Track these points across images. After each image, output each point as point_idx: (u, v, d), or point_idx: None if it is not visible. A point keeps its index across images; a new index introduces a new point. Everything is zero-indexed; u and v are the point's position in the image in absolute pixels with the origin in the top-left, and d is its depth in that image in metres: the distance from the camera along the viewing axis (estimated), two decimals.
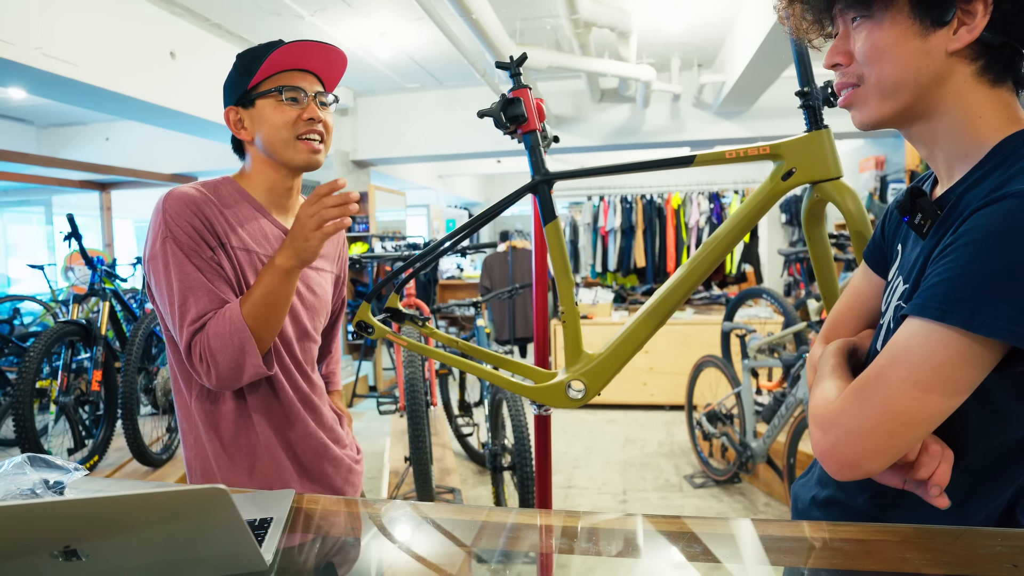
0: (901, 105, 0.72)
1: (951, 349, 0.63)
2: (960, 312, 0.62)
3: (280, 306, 1.12)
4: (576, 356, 1.27)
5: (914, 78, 0.70)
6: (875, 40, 0.71)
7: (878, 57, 0.71)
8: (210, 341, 1.07)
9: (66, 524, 0.55)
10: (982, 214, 0.64)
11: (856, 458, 0.67)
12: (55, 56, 3.08)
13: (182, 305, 1.09)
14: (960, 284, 0.63)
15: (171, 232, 1.09)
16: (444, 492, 3.13)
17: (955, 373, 0.64)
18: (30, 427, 2.62)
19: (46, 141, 6.51)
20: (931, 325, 0.64)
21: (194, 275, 1.09)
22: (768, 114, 5.45)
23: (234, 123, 1.20)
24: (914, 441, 0.67)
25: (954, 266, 0.64)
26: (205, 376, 1.09)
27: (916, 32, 0.69)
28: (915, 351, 0.65)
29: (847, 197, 1.11)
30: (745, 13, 4.16)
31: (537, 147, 1.25)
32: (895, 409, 0.66)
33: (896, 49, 0.70)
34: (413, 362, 2.81)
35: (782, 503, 3.31)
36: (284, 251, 1.11)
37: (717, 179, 7.05)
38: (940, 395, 0.64)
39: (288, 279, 1.12)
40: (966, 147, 0.72)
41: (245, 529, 0.57)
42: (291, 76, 1.17)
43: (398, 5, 3.97)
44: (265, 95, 1.16)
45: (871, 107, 0.74)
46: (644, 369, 5.18)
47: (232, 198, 1.18)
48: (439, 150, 6.11)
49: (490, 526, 0.85)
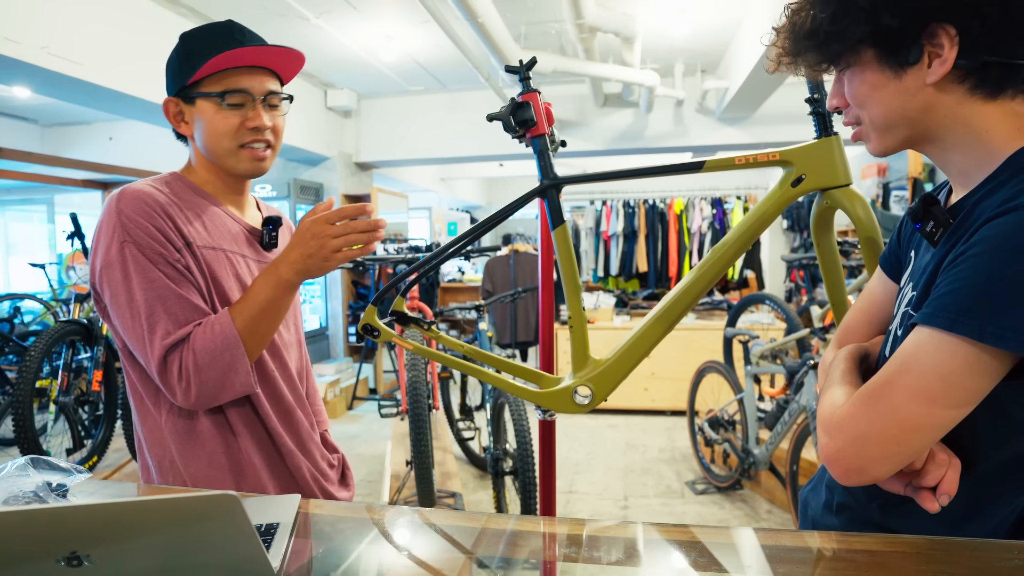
0: (901, 137, 0.75)
1: (960, 359, 0.63)
2: (970, 322, 0.62)
3: (278, 320, 1.04)
4: (583, 361, 1.26)
5: (900, 115, 0.72)
6: (855, 88, 0.75)
7: (863, 102, 0.75)
8: (196, 357, 0.97)
9: (73, 530, 0.54)
10: (994, 225, 0.64)
11: (861, 464, 0.68)
12: (60, 55, 3.08)
13: (150, 317, 0.97)
14: (971, 294, 0.63)
15: (130, 235, 0.97)
16: (445, 496, 3.12)
17: (963, 383, 0.64)
18: (29, 426, 2.61)
19: (50, 140, 6.52)
20: (940, 335, 0.64)
21: (161, 283, 0.98)
22: (771, 120, 5.45)
23: (174, 116, 1.09)
24: (920, 449, 0.67)
25: (965, 276, 0.64)
26: (182, 394, 0.98)
27: (889, 76, 0.71)
28: (924, 360, 0.65)
29: (856, 204, 1.11)
30: (749, 20, 4.16)
31: (546, 151, 1.24)
32: (901, 417, 0.66)
33: (875, 94, 0.73)
34: (416, 365, 2.81)
35: (784, 510, 3.29)
36: (293, 265, 1.02)
37: (720, 184, 7.04)
38: (947, 404, 0.65)
39: (292, 293, 1.04)
40: (978, 160, 0.72)
41: (255, 536, 0.56)
42: (238, 76, 1.04)
43: (403, 8, 3.97)
44: (206, 96, 1.04)
45: (874, 143, 0.77)
46: (646, 374, 5.17)
47: (186, 194, 1.08)
48: (442, 153, 6.11)
49: (497, 534, 0.84)
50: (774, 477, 3.32)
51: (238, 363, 0.99)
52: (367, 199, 6.34)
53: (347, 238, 1.01)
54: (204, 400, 0.99)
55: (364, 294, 6.40)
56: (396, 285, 1.37)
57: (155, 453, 1.06)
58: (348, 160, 6.21)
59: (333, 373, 5.47)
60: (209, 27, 1.07)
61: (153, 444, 1.06)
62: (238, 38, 1.06)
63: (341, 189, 6.12)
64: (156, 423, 1.06)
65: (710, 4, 4.04)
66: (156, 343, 0.97)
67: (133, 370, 1.06)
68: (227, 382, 0.99)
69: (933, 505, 0.70)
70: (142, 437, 1.08)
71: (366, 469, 4.07)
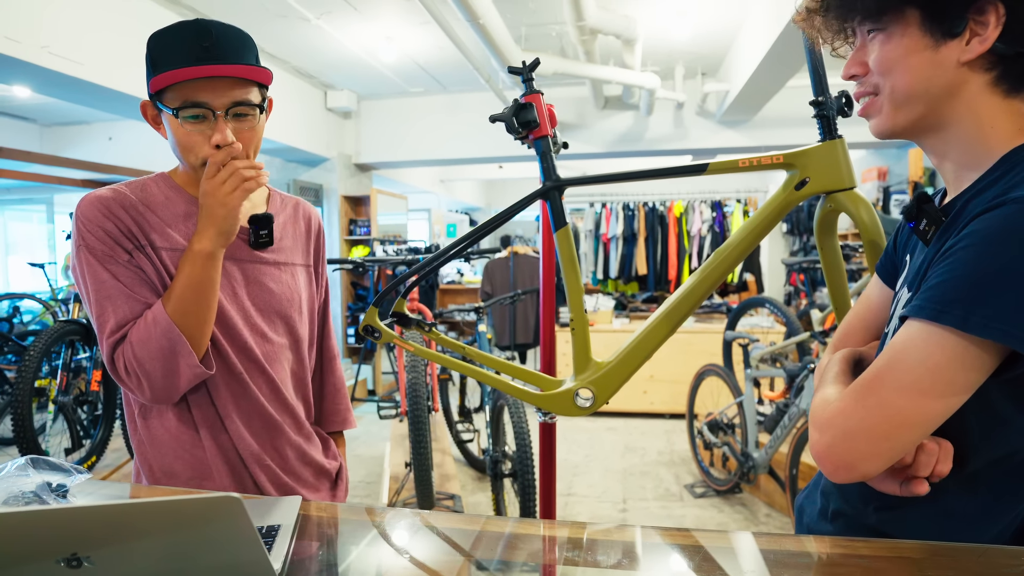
0: (914, 115, 0.73)
1: (948, 351, 0.63)
2: (955, 312, 0.63)
3: (207, 295, 1.00)
4: (585, 364, 1.26)
5: (925, 88, 0.70)
6: (887, 52, 0.72)
7: (890, 68, 0.72)
8: (135, 350, 0.97)
9: (74, 531, 0.53)
10: (982, 219, 0.64)
11: (851, 459, 0.67)
12: (61, 55, 3.08)
13: (99, 316, 0.99)
14: (956, 286, 0.63)
15: (83, 239, 1.00)
16: (444, 498, 3.11)
17: (952, 375, 0.64)
18: (28, 426, 2.60)
19: (49, 140, 6.51)
20: (927, 326, 0.65)
21: (110, 282, 0.99)
22: (771, 124, 5.45)
23: (151, 119, 1.06)
24: (910, 444, 0.67)
25: (951, 268, 0.64)
26: (137, 390, 0.99)
27: (927, 44, 0.69)
28: (912, 352, 0.65)
29: (860, 207, 1.11)
30: (750, 23, 4.17)
31: (548, 153, 1.24)
32: (891, 411, 0.65)
33: (907, 60, 0.70)
34: (416, 367, 2.80)
35: (783, 514, 3.29)
36: (201, 233, 0.99)
37: (719, 187, 7.05)
38: (936, 397, 0.64)
39: (212, 263, 1.00)
40: (976, 156, 0.72)
41: (257, 539, 0.56)
42: (197, 87, 0.97)
43: (404, 9, 3.97)
44: (164, 110, 1.00)
45: (885, 117, 0.75)
46: (644, 377, 5.17)
47: (163, 195, 1.07)
48: (441, 154, 6.11)
49: (496, 536, 0.84)
50: (773, 481, 3.32)
51: (178, 347, 0.97)
52: (366, 201, 6.34)
53: (237, 175, 0.98)
54: (161, 392, 1.00)
55: (363, 295, 6.40)
56: (397, 287, 1.37)
57: (135, 448, 1.10)
58: (348, 161, 6.21)
59: None
60: (175, 29, 0.99)
61: (133, 439, 1.10)
62: (200, 42, 0.97)
63: (340, 190, 6.12)
64: (133, 419, 1.09)
65: (711, 7, 4.05)
66: (104, 342, 0.99)
67: None
68: (174, 368, 0.98)
69: (923, 487, 0.69)
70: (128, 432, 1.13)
71: (365, 470, 4.06)
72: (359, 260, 3.36)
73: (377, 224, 6.35)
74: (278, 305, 1.14)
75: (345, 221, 6.28)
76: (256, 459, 1.10)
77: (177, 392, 1.01)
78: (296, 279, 1.18)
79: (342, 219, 6.21)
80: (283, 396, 1.14)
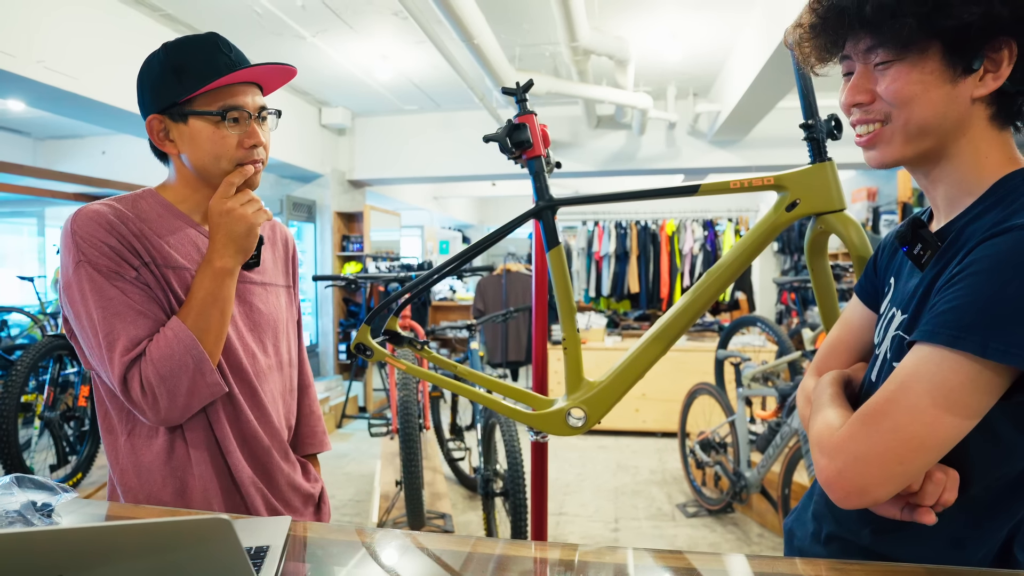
0: (924, 148, 0.73)
1: (962, 375, 0.64)
2: (973, 338, 0.63)
3: (226, 313, 1.02)
4: (577, 383, 1.26)
5: (939, 123, 0.71)
6: (905, 83, 0.71)
7: (908, 101, 0.71)
8: (156, 368, 0.95)
9: (60, 553, 0.53)
10: (989, 244, 0.65)
11: (863, 484, 0.67)
12: (56, 69, 3.08)
13: (108, 335, 0.95)
14: (972, 311, 0.64)
15: (84, 255, 0.96)
16: (434, 517, 3.08)
17: (966, 399, 0.64)
18: (13, 442, 2.57)
19: (42, 153, 6.49)
20: (942, 351, 0.65)
21: (119, 299, 0.96)
22: (762, 144, 5.52)
23: (158, 134, 1.05)
24: (922, 468, 0.66)
25: (964, 294, 0.65)
26: (150, 410, 0.96)
27: (947, 78, 0.70)
28: (925, 377, 0.65)
29: (851, 229, 1.12)
30: (741, 45, 4.23)
31: (542, 173, 1.25)
32: (905, 434, 0.65)
33: (927, 95, 0.70)
34: (407, 384, 2.79)
35: (776, 534, 3.28)
36: (221, 250, 1.01)
37: (711, 207, 7.10)
38: (951, 419, 0.64)
39: (231, 280, 1.02)
40: (969, 185, 0.73)
41: (246, 561, 0.55)
42: (232, 92, 1.02)
43: (399, 28, 4.01)
44: (202, 115, 1.01)
45: (894, 148, 0.74)
46: (636, 395, 5.16)
47: (155, 211, 1.05)
48: (435, 172, 6.13)
49: (490, 558, 0.83)
50: (765, 500, 3.31)
51: (202, 364, 0.98)
52: (359, 217, 6.34)
53: (250, 202, 1.03)
54: (175, 411, 0.98)
55: (355, 312, 6.38)
56: (389, 304, 1.37)
57: (116, 473, 1.05)
58: (341, 177, 6.22)
59: (323, 391, 5.43)
60: (194, 40, 1.03)
61: (114, 464, 1.06)
62: (225, 52, 1.04)
63: (334, 206, 6.13)
64: (116, 443, 1.05)
65: (702, 29, 4.11)
66: (116, 361, 0.95)
67: (103, 388, 1.05)
68: (194, 387, 0.97)
69: (930, 518, 0.69)
70: (106, 454, 1.08)
71: (354, 489, 4.02)
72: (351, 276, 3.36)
73: (370, 240, 6.35)
74: (267, 325, 1.14)
75: (338, 237, 6.27)
76: (252, 483, 1.08)
77: (190, 411, 0.99)
78: (280, 299, 1.20)
79: (335, 235, 6.21)
80: (271, 419, 1.13)
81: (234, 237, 1.02)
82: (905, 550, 0.77)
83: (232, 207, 1.02)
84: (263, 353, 1.13)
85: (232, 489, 1.08)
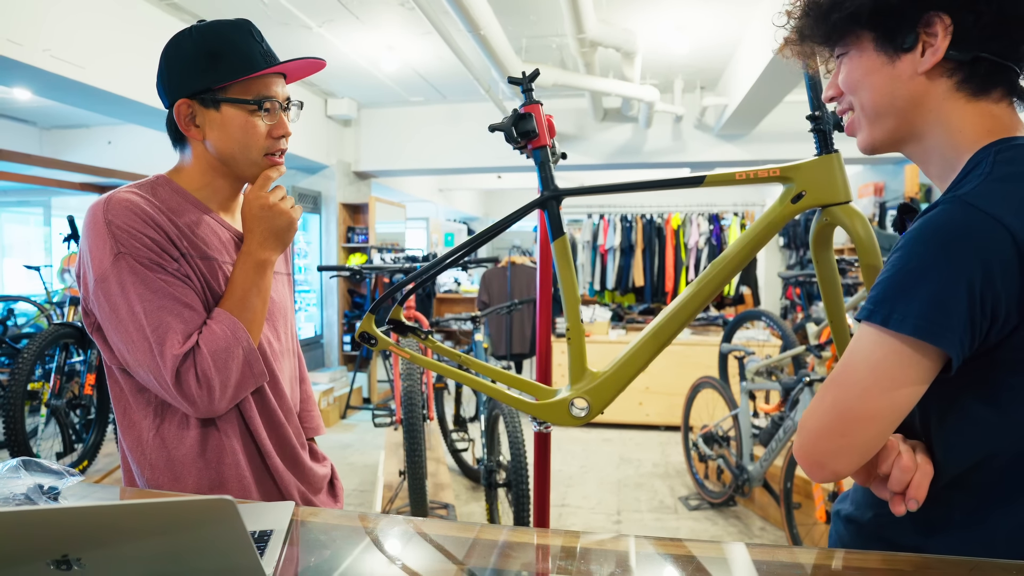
0: (889, 127, 0.76)
1: (884, 347, 0.67)
2: (881, 311, 0.67)
3: (265, 303, 1.04)
4: (580, 374, 1.26)
5: (890, 101, 0.74)
6: (850, 72, 0.77)
7: (855, 87, 0.77)
8: (212, 360, 0.94)
9: (65, 532, 0.53)
10: (919, 220, 0.68)
11: (819, 458, 0.70)
12: (63, 58, 3.09)
13: (157, 329, 0.92)
14: (885, 286, 0.68)
15: (124, 246, 0.93)
16: (438, 508, 3.10)
17: (893, 372, 0.66)
18: (20, 429, 2.59)
19: (49, 143, 6.51)
20: (865, 327, 0.69)
21: (164, 292, 0.94)
22: (769, 138, 5.49)
23: (184, 118, 1.02)
24: (869, 440, 0.68)
25: (886, 270, 0.69)
26: (203, 403, 0.95)
27: (884, 61, 0.74)
28: (856, 353, 0.69)
29: (856, 221, 1.11)
30: (748, 39, 4.20)
31: (547, 163, 1.25)
32: (842, 407, 0.69)
33: (869, 79, 0.75)
34: (412, 375, 2.80)
35: (778, 527, 3.28)
36: (263, 243, 1.03)
37: (717, 200, 7.08)
38: (880, 393, 0.67)
39: (271, 272, 1.06)
40: (950, 161, 0.74)
41: (249, 543, 0.55)
42: (266, 82, 1.03)
43: (406, 19, 4.00)
44: (236, 103, 1.01)
45: (864, 132, 0.79)
46: (640, 389, 5.16)
47: (174, 200, 1.03)
48: (440, 164, 6.13)
49: (490, 545, 0.84)
50: (768, 494, 3.31)
51: (250, 355, 1.00)
52: (364, 208, 6.35)
53: (284, 199, 1.07)
54: (224, 402, 0.98)
55: (360, 303, 6.39)
56: (394, 294, 1.37)
57: (144, 470, 1.03)
58: (347, 169, 6.22)
59: (327, 382, 5.45)
60: (227, 25, 1.02)
61: (141, 461, 1.03)
62: (258, 40, 1.04)
63: (339, 198, 6.13)
64: (142, 439, 1.02)
65: (710, 22, 4.08)
66: (167, 353, 0.92)
67: (124, 381, 1.02)
68: (243, 378, 0.99)
69: (900, 508, 0.71)
70: (127, 449, 1.05)
71: (358, 479, 4.04)
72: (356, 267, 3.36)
73: (375, 232, 6.35)
74: (278, 312, 1.16)
75: (343, 228, 6.28)
76: (283, 467, 1.10)
77: (236, 401, 1.01)
78: (284, 287, 1.22)
79: (340, 226, 6.22)
80: (289, 404, 1.15)
81: (276, 231, 1.05)
82: (908, 535, 0.76)
83: (274, 203, 1.05)
84: (276, 340, 1.15)
85: (265, 475, 1.09)
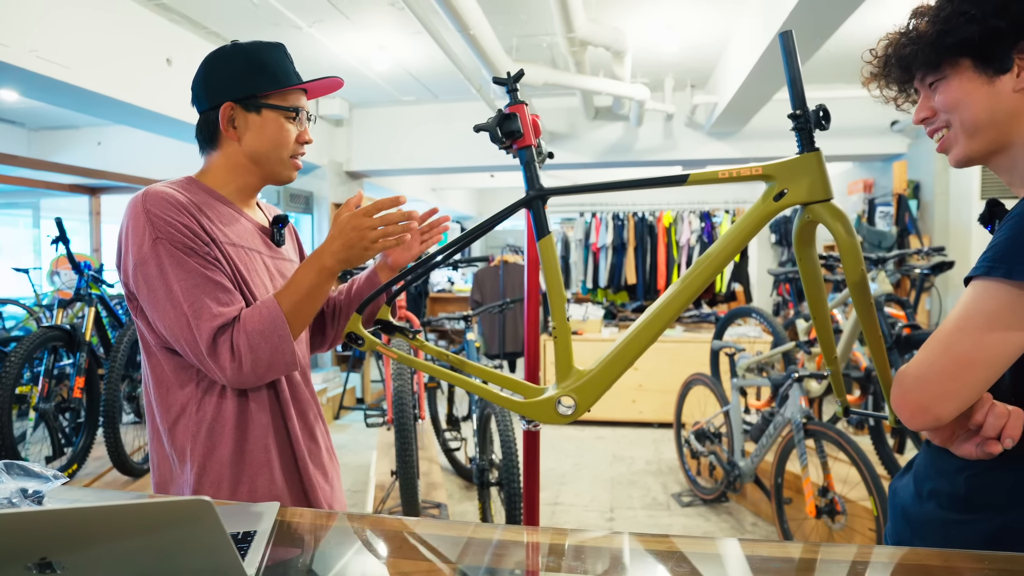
0: (987, 139, 0.85)
1: (1000, 298, 0.74)
2: (1002, 267, 0.74)
3: (318, 305, 1.13)
4: (566, 372, 1.26)
5: (990, 116, 0.83)
6: (951, 93, 0.86)
7: (956, 105, 0.85)
8: (248, 337, 1.04)
9: (43, 535, 0.53)
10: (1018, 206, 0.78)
11: (924, 402, 0.76)
12: (50, 59, 3.07)
13: (193, 304, 1.03)
14: (1004, 247, 0.75)
15: (160, 232, 1.04)
16: (430, 507, 3.10)
17: (1006, 319, 0.74)
18: (8, 433, 2.57)
19: (37, 144, 6.47)
20: (982, 281, 0.76)
21: (198, 272, 1.04)
22: (759, 135, 5.50)
23: (226, 120, 1.15)
24: (976, 384, 0.75)
25: (1001, 235, 0.77)
26: (232, 372, 1.03)
27: (984, 81, 0.83)
28: (969, 304, 0.77)
29: (837, 219, 1.12)
30: (738, 37, 4.22)
31: (532, 163, 1.25)
32: (955, 353, 0.75)
33: (969, 98, 0.84)
34: (402, 375, 2.80)
35: (769, 523, 3.30)
36: (335, 254, 1.10)
37: (708, 198, 7.10)
38: (994, 337, 0.74)
39: (332, 280, 1.13)
40: None
41: (229, 543, 0.55)
42: (297, 94, 1.20)
43: (396, 19, 3.99)
44: (278, 109, 1.16)
45: (961, 146, 0.87)
46: (633, 386, 5.18)
47: (202, 196, 1.14)
48: (433, 163, 6.12)
49: (478, 543, 0.84)
50: (759, 490, 3.33)
51: (284, 344, 1.06)
52: None
53: (384, 229, 1.11)
54: (252, 378, 1.06)
55: None
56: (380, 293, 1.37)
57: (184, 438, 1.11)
58: (339, 169, 6.21)
59: (320, 382, 5.44)
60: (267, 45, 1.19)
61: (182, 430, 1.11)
62: (290, 60, 1.21)
63: (331, 198, 6.11)
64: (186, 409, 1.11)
65: (699, 21, 4.09)
66: (203, 326, 1.02)
67: (166, 361, 1.10)
68: (274, 361, 1.06)
69: (996, 447, 0.76)
70: (164, 430, 1.12)
71: (351, 479, 4.03)
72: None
73: None
74: None
75: None
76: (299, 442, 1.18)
77: (263, 381, 1.09)
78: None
79: None
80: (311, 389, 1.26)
81: (351, 248, 1.10)
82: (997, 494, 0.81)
83: (366, 228, 1.10)
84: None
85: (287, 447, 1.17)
